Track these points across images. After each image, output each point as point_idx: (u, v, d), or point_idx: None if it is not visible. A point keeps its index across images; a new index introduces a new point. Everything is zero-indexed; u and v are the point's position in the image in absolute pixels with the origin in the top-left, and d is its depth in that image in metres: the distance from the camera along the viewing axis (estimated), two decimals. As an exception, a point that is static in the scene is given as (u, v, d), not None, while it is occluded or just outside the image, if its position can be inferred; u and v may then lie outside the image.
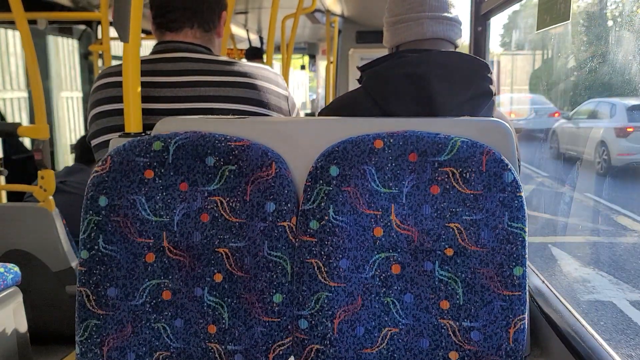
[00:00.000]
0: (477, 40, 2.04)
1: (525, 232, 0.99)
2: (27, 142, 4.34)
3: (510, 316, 0.99)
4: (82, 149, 2.93)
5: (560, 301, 1.16)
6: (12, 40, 5.38)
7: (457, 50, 1.38)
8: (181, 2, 1.40)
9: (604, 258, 4.67)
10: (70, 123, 6.09)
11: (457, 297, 1.01)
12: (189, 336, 1.06)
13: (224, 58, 1.41)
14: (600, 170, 6.07)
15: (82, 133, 6.03)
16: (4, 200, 2.69)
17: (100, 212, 1.04)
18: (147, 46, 5.73)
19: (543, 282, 1.28)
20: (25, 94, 5.48)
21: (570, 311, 1.11)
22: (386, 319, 1.03)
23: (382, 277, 1.03)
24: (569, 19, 1.08)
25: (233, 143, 1.05)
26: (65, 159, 5.31)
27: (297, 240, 1.04)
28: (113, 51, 3.24)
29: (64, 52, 5.86)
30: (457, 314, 1.01)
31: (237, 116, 1.18)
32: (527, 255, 1.00)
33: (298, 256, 1.03)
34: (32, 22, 3.19)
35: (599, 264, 4.45)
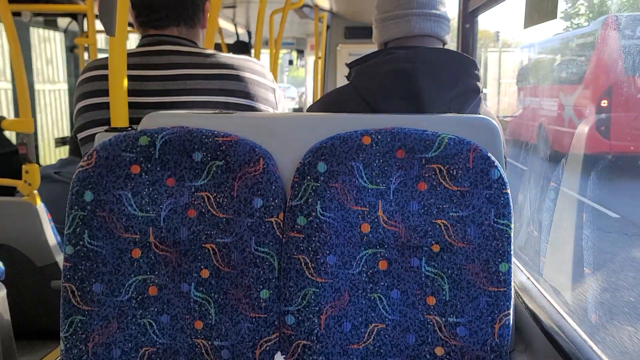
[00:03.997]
0: (465, 37, 2.04)
1: (510, 228, 1.00)
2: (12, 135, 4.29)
3: (496, 312, 1.00)
4: (77, 142, 2.90)
5: (545, 297, 1.18)
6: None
7: (445, 46, 1.38)
8: (166, 1, 1.39)
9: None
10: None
11: (443, 293, 1.02)
12: (175, 332, 1.06)
13: (211, 51, 1.41)
14: None
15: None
16: None
17: (86, 208, 1.03)
18: (133, 39, 5.67)
19: (528, 278, 1.30)
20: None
21: (554, 307, 1.12)
22: (373, 314, 1.03)
23: (369, 273, 1.03)
24: (556, 17, 1.09)
25: (220, 138, 1.04)
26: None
27: (284, 236, 1.04)
28: (99, 44, 3.20)
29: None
30: (443, 309, 1.02)
31: (224, 111, 1.17)
32: (512, 252, 1.00)
33: (285, 252, 1.03)
34: (16, 14, 3.15)
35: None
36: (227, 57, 1.39)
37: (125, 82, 1.22)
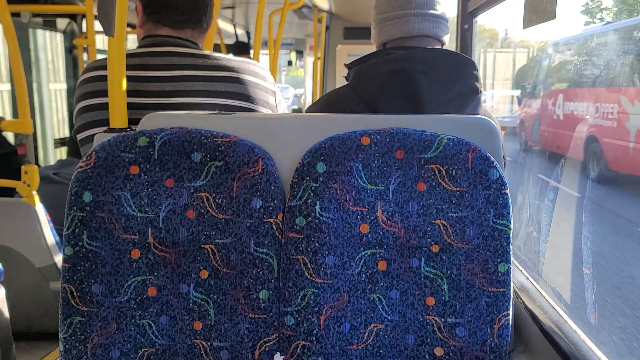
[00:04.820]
0: (464, 38, 2.04)
1: (510, 229, 1.00)
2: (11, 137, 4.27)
3: (495, 312, 1.00)
4: (75, 143, 2.90)
5: (544, 297, 1.18)
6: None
7: (444, 47, 1.38)
8: (189, 2, 1.39)
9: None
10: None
11: (443, 293, 1.02)
12: (174, 333, 1.06)
13: (211, 52, 1.41)
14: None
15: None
16: None
17: (85, 208, 1.03)
18: (132, 40, 5.66)
19: (527, 278, 1.30)
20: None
21: (553, 307, 1.12)
22: (372, 315, 1.03)
23: (368, 273, 1.03)
24: (554, 18, 1.09)
25: (219, 139, 1.04)
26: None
27: (283, 236, 1.03)
28: (98, 45, 3.20)
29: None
30: (443, 310, 1.02)
31: (223, 112, 1.17)
32: (511, 252, 1.00)
33: (284, 252, 1.03)
34: (15, 14, 3.15)
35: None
36: (227, 59, 1.39)
37: (125, 83, 1.22)
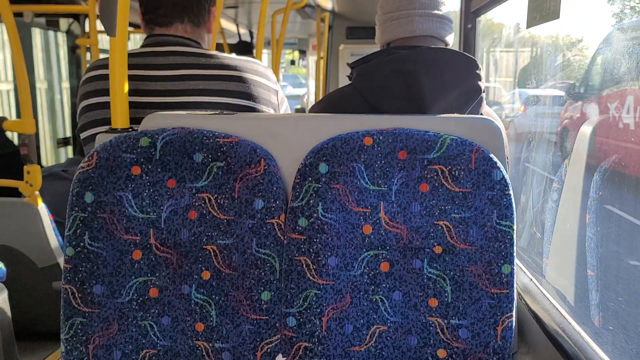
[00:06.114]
0: (467, 38, 2.04)
1: (513, 230, 0.99)
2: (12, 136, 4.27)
3: (498, 314, 0.99)
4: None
5: (548, 299, 1.17)
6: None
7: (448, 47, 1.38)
8: (170, 0, 1.39)
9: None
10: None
11: (446, 294, 1.01)
12: (176, 334, 1.05)
13: (214, 52, 1.41)
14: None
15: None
16: None
17: (86, 209, 1.03)
18: (134, 40, 5.67)
19: (531, 279, 1.29)
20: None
21: (557, 309, 1.11)
22: (375, 316, 1.03)
23: (370, 274, 1.03)
24: (559, 17, 1.08)
25: (221, 139, 1.04)
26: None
27: (285, 237, 1.03)
28: (101, 44, 3.20)
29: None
30: (446, 311, 1.01)
31: (226, 112, 1.17)
32: (515, 253, 1.00)
33: (286, 254, 1.03)
34: (17, 14, 3.15)
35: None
36: (229, 58, 1.39)
37: (126, 84, 1.22)
